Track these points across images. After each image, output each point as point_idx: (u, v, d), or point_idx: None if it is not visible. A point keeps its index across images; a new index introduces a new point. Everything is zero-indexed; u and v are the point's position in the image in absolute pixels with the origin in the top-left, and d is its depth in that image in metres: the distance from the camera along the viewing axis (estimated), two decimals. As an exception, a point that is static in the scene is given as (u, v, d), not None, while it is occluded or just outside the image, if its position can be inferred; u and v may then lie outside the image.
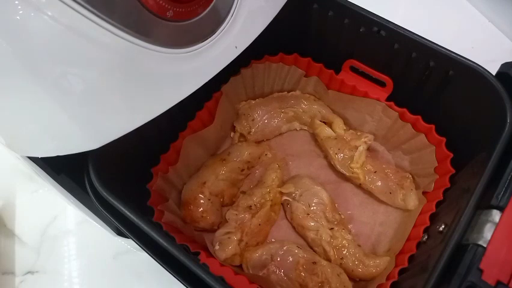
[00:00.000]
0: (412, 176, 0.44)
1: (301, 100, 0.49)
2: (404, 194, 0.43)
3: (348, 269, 0.40)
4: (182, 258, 0.29)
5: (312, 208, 0.42)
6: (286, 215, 0.45)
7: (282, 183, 0.45)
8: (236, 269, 0.34)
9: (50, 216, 0.50)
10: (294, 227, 0.44)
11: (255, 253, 0.39)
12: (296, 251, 0.39)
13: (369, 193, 0.45)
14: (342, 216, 0.44)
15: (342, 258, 0.40)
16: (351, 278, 0.40)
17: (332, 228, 0.41)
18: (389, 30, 0.39)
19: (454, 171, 0.40)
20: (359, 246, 0.41)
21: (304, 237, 0.43)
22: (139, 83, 0.29)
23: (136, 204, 0.31)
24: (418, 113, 0.43)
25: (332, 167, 0.47)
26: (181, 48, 0.31)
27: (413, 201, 0.42)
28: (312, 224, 0.42)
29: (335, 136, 0.46)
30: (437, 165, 0.42)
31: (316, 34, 0.46)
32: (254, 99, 0.49)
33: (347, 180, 0.46)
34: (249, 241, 0.41)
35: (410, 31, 0.38)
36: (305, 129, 0.50)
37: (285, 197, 0.44)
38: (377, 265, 0.39)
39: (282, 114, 0.49)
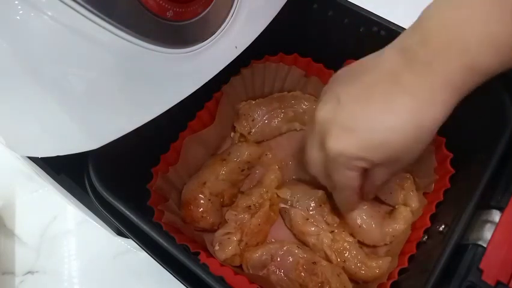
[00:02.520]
0: (412, 177, 0.44)
1: (301, 100, 0.49)
2: (404, 194, 0.43)
3: (351, 272, 0.40)
4: (182, 258, 0.29)
5: (310, 212, 0.42)
6: (285, 223, 0.44)
7: (281, 184, 0.45)
8: (236, 269, 0.34)
9: (50, 216, 0.50)
10: (294, 234, 0.43)
11: (255, 253, 0.39)
12: (296, 251, 0.39)
13: (369, 193, 0.45)
14: (342, 218, 0.44)
15: (344, 261, 0.40)
16: (354, 280, 0.40)
17: (332, 231, 0.41)
18: (389, 30, 0.39)
19: (453, 171, 0.40)
20: (361, 247, 0.41)
21: (305, 243, 0.42)
22: (139, 83, 0.29)
23: (136, 204, 0.31)
24: (418, 113, 0.43)
25: (332, 167, 0.47)
26: (181, 48, 0.31)
27: (413, 202, 0.42)
28: (313, 228, 0.41)
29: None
30: (436, 165, 0.42)
31: (316, 34, 0.46)
32: (254, 99, 0.49)
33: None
34: (248, 241, 0.41)
35: (410, 31, 0.38)
36: (305, 130, 0.50)
37: (282, 205, 0.44)
38: (379, 266, 0.39)
39: (282, 114, 0.49)
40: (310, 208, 0.42)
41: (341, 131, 0.29)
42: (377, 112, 0.28)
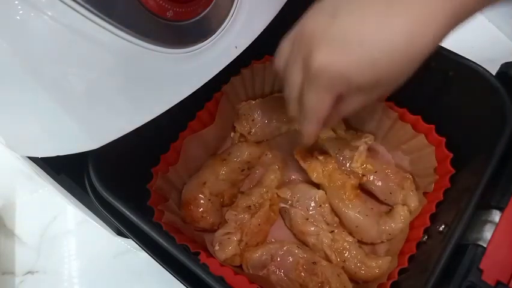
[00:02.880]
0: (412, 176, 0.44)
1: (301, 100, 0.49)
2: (404, 194, 0.43)
3: (351, 272, 0.40)
4: (182, 258, 0.29)
5: (310, 212, 0.42)
6: (285, 223, 0.44)
7: (281, 184, 0.45)
8: (236, 269, 0.34)
9: (50, 216, 0.50)
10: (294, 234, 0.43)
11: (255, 253, 0.39)
12: (296, 251, 0.39)
13: (369, 193, 0.45)
14: (342, 217, 0.44)
15: (344, 261, 0.40)
16: (354, 280, 0.40)
17: (332, 231, 0.41)
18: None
19: (453, 171, 0.40)
20: (360, 247, 0.41)
21: (305, 243, 0.42)
22: (139, 83, 0.29)
23: (136, 204, 0.31)
24: (418, 113, 0.43)
25: (332, 167, 0.47)
26: (181, 48, 0.31)
27: (413, 202, 0.42)
28: (312, 228, 0.41)
29: (335, 136, 0.46)
30: (436, 165, 0.42)
31: (316, 34, 0.46)
32: (254, 99, 0.49)
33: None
34: (248, 241, 0.41)
35: (410, 31, 0.38)
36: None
37: (282, 205, 0.44)
38: (379, 266, 0.39)
39: (282, 114, 0.49)
40: (310, 208, 0.42)
41: (330, 45, 0.27)
42: (372, 28, 0.26)
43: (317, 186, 0.44)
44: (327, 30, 0.28)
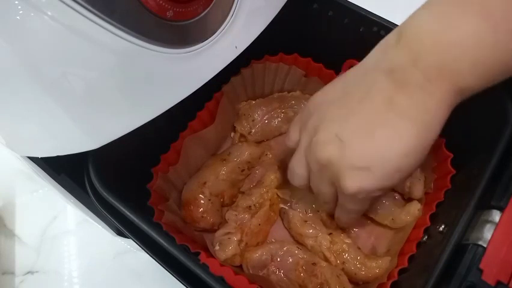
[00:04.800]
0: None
1: (301, 100, 0.49)
2: (411, 182, 0.43)
3: (351, 273, 0.39)
4: (183, 258, 0.29)
5: (309, 215, 0.42)
6: (284, 224, 0.44)
7: (281, 184, 0.45)
8: (236, 269, 0.34)
9: (50, 216, 0.50)
10: (292, 236, 0.43)
11: (255, 253, 0.39)
12: (296, 251, 0.39)
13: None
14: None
15: (343, 263, 0.40)
16: (354, 281, 0.40)
17: (330, 233, 0.41)
18: (389, 30, 0.39)
19: (454, 171, 0.40)
20: (359, 248, 0.41)
21: (303, 245, 0.42)
22: (139, 83, 0.29)
23: (136, 204, 0.31)
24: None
25: (332, 167, 0.47)
26: (181, 48, 0.31)
27: (419, 190, 0.42)
28: (311, 231, 0.41)
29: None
30: (435, 165, 0.42)
31: (316, 34, 0.46)
32: (254, 99, 0.49)
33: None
34: (249, 241, 0.41)
35: (410, 31, 0.38)
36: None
37: (281, 205, 0.44)
38: (379, 266, 0.39)
39: (283, 114, 0.49)
40: (309, 210, 0.42)
41: (354, 171, 0.29)
42: (384, 143, 0.28)
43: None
44: (343, 157, 0.29)
